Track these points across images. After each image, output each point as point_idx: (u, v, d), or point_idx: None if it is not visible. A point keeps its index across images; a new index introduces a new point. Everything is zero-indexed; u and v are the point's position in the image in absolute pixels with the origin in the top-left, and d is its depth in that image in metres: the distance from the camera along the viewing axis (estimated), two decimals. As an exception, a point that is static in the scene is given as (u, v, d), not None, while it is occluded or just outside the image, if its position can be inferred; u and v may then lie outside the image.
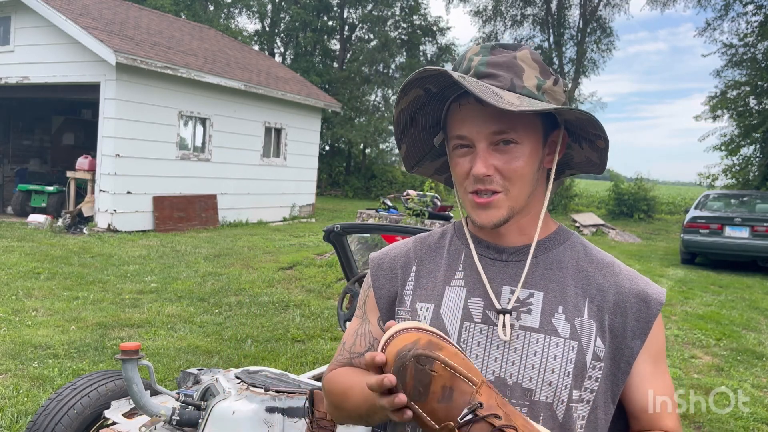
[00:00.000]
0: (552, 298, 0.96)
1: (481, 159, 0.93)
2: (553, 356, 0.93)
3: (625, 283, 0.99)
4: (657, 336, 0.99)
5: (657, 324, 0.98)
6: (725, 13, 18.43)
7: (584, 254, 1.02)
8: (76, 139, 14.52)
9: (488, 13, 27.69)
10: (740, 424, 3.86)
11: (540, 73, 0.96)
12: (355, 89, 27.64)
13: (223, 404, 1.87)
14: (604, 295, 0.97)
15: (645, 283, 1.00)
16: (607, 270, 1.00)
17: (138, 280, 6.89)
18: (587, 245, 1.04)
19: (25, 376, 3.89)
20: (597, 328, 0.96)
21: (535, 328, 0.94)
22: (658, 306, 0.98)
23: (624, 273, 1.01)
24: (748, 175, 16.59)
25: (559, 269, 0.99)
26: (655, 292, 0.99)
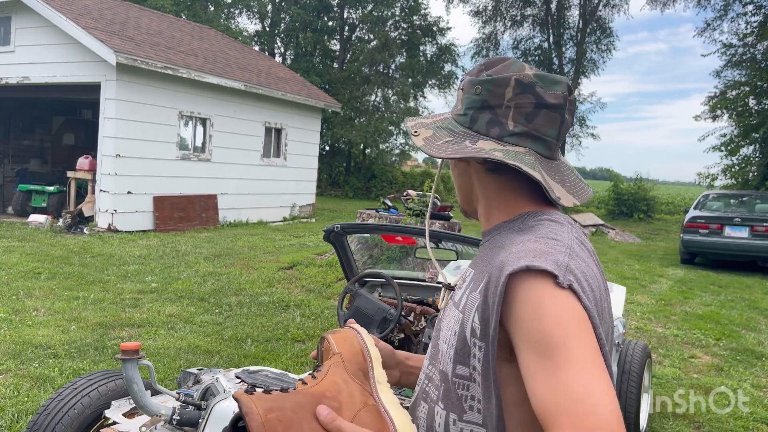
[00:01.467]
0: (474, 276, 0.97)
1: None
2: (448, 328, 0.97)
3: (501, 254, 0.89)
4: (533, 317, 0.80)
5: (532, 307, 0.80)
6: (725, 14, 18.45)
7: (519, 234, 0.94)
8: (77, 139, 14.52)
9: (488, 13, 27.71)
10: (740, 423, 3.86)
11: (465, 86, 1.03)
12: (355, 89, 27.64)
13: (224, 404, 1.87)
14: (491, 270, 0.89)
15: (517, 256, 0.85)
16: (510, 245, 0.91)
17: (138, 280, 6.89)
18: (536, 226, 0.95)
19: (26, 376, 3.90)
20: (478, 304, 0.88)
21: (456, 302, 0.98)
22: (503, 277, 0.82)
23: (516, 247, 0.89)
24: (748, 175, 16.60)
25: (492, 249, 0.97)
26: (511, 264, 0.83)
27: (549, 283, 0.81)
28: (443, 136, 1.00)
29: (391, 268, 6.75)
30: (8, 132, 13.64)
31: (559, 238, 0.91)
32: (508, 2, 27.26)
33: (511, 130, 0.95)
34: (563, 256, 0.86)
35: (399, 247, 6.92)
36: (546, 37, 27.27)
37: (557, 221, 0.96)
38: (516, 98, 0.95)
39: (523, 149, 0.95)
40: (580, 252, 0.92)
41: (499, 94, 0.96)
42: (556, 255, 0.86)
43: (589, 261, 0.93)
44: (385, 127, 27.11)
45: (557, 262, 0.84)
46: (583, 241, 0.97)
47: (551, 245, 0.88)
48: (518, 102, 0.95)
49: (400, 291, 2.82)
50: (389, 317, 2.80)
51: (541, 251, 0.85)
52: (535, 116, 0.95)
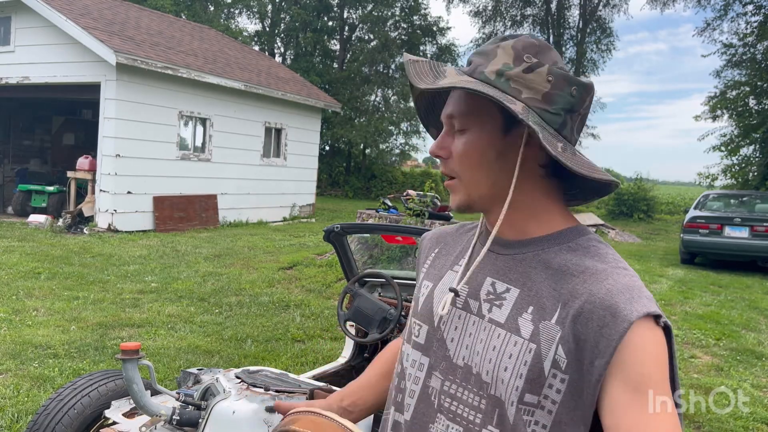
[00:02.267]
0: (526, 297, 0.92)
1: (435, 141, 0.98)
2: (509, 354, 0.91)
3: (600, 291, 0.86)
4: (637, 362, 0.82)
5: (636, 347, 0.82)
6: (725, 13, 18.45)
7: (580, 256, 0.92)
8: (77, 139, 14.53)
9: (488, 13, 27.71)
10: (740, 423, 3.86)
11: (513, 60, 0.89)
12: (355, 89, 27.65)
13: (224, 404, 1.87)
14: (574, 301, 0.87)
15: (624, 297, 0.84)
16: (591, 275, 0.88)
17: (138, 280, 6.89)
18: (592, 248, 0.93)
19: (26, 376, 3.90)
20: (561, 335, 0.87)
21: (501, 323, 0.93)
22: (625, 323, 0.82)
23: (608, 282, 0.86)
24: (748, 175, 16.61)
25: (544, 268, 0.92)
26: (627, 308, 0.83)
27: (652, 324, 0.84)
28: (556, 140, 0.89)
29: (391, 268, 6.75)
30: (8, 132, 13.64)
31: (627, 267, 0.91)
32: (508, 2, 27.27)
33: (576, 139, 0.95)
34: (645, 289, 0.87)
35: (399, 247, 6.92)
36: (546, 37, 27.25)
37: (600, 241, 0.96)
38: (587, 108, 0.94)
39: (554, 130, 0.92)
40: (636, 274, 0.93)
41: (584, 100, 0.93)
42: (646, 291, 0.87)
43: None
44: (385, 127, 27.11)
45: (653, 299, 0.86)
46: None
47: (632, 278, 0.88)
48: (586, 113, 0.94)
49: (400, 291, 2.82)
50: (389, 317, 2.80)
51: (636, 288, 0.86)
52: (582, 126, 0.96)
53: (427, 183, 10.74)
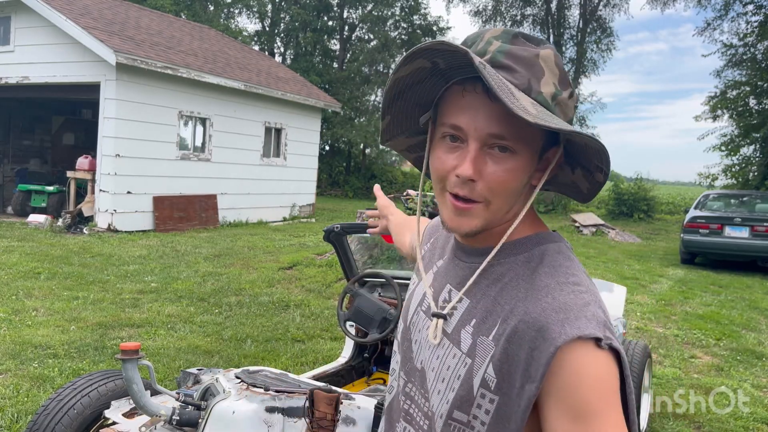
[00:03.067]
0: (472, 309, 0.88)
1: (470, 160, 0.84)
2: (447, 366, 0.89)
3: (535, 310, 0.80)
4: (576, 388, 0.75)
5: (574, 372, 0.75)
6: (725, 13, 18.45)
7: (532, 269, 0.87)
8: (76, 139, 14.52)
9: (488, 13, 27.71)
10: (740, 424, 3.86)
11: (558, 82, 0.85)
12: (355, 89, 27.65)
13: (223, 404, 1.87)
14: (511, 319, 0.82)
15: (558, 318, 0.78)
16: (532, 291, 0.83)
17: (138, 280, 6.89)
18: (546, 260, 0.87)
19: (25, 376, 3.89)
20: (494, 354, 0.82)
21: (448, 333, 0.91)
22: (551, 347, 0.76)
23: (546, 299, 0.81)
24: (748, 175, 16.62)
25: (495, 281, 0.88)
26: (556, 330, 0.77)
27: (590, 347, 0.76)
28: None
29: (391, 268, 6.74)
30: (8, 132, 13.64)
31: (580, 282, 0.84)
32: (508, 2, 27.27)
33: None
34: (596, 308, 0.80)
35: (399, 247, 6.90)
36: (546, 37, 27.25)
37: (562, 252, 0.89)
38: None
39: None
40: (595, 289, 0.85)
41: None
42: (592, 309, 0.79)
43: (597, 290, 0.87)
44: (385, 126, 27.06)
45: (597, 319, 0.78)
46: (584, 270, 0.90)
47: (579, 295, 0.81)
48: None
49: (400, 291, 2.82)
50: (389, 317, 2.79)
51: (577, 307, 0.79)
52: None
53: (427, 183, 10.73)
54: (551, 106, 0.83)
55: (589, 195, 0.94)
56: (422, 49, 0.82)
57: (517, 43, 0.85)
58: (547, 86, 0.83)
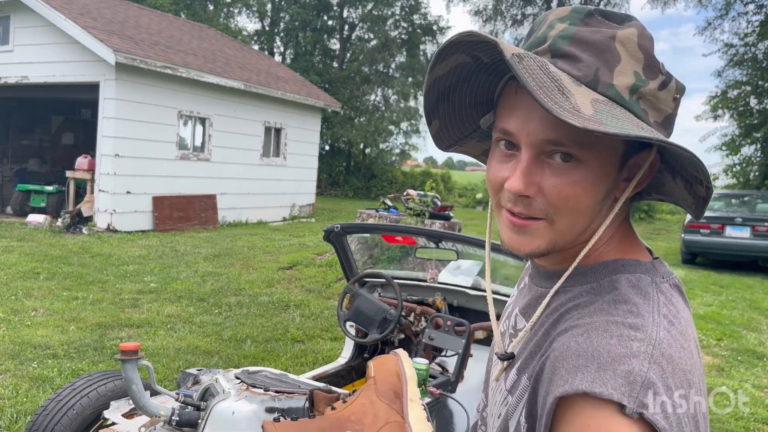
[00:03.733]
0: (528, 341, 0.77)
1: (521, 172, 0.70)
2: (495, 402, 0.82)
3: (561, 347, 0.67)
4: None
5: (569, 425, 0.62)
6: (726, 13, 18.46)
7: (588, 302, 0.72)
8: (76, 138, 14.51)
9: (488, 12, 27.73)
10: (740, 424, 3.86)
11: (643, 69, 0.69)
12: (355, 89, 27.66)
13: (223, 404, 1.86)
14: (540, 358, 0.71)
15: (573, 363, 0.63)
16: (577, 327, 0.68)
17: (137, 280, 6.88)
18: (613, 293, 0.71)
19: (25, 376, 3.89)
20: (528, 396, 0.71)
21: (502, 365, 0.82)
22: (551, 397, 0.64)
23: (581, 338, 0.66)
24: (749, 174, 16.62)
25: (553, 312, 0.75)
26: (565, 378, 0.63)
27: (612, 412, 0.59)
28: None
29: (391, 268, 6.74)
30: (7, 132, 13.63)
31: (640, 327, 0.65)
32: (509, 1, 27.28)
33: None
34: (641, 363, 0.61)
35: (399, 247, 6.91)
36: (546, 37, 27.28)
37: (638, 285, 0.71)
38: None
39: None
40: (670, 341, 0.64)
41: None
42: (633, 364, 0.61)
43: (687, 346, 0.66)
44: (385, 126, 27.12)
45: (629, 376, 0.60)
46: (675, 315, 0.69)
47: (625, 341, 0.63)
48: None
49: (400, 291, 2.81)
50: (389, 317, 2.79)
51: (609, 356, 0.62)
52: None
53: (427, 183, 10.73)
54: (629, 101, 0.68)
55: (698, 210, 0.77)
56: (453, 43, 0.69)
57: (591, 23, 0.70)
58: (622, 76, 0.68)
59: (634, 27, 0.70)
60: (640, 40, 0.69)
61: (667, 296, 0.71)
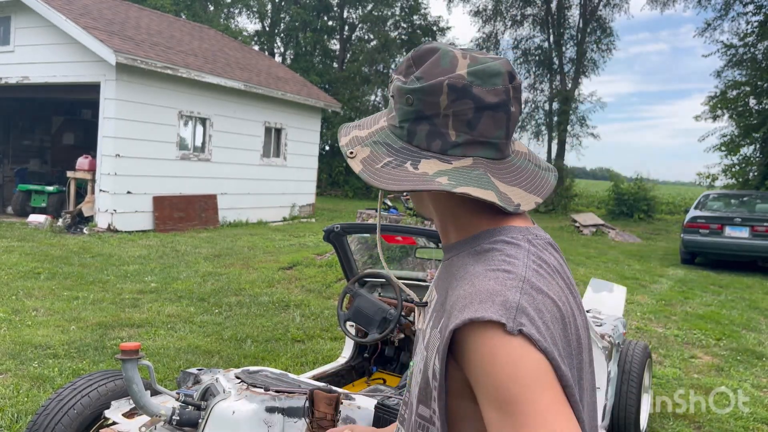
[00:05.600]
0: (435, 304, 0.91)
1: None
2: (418, 361, 0.92)
3: (452, 296, 0.82)
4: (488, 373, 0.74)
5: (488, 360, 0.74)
6: (725, 13, 18.47)
7: (473, 260, 0.85)
8: (76, 139, 14.52)
9: (488, 13, 27.74)
10: (740, 424, 3.86)
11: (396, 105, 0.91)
12: (355, 89, 27.66)
13: (223, 404, 1.87)
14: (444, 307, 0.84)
15: (467, 301, 0.77)
16: (461, 280, 0.83)
17: (138, 280, 6.89)
18: (489, 252, 0.85)
19: (25, 376, 3.89)
20: (439, 345, 0.81)
21: (422, 331, 0.92)
22: (446, 332, 0.77)
23: (467, 286, 0.80)
24: (748, 175, 16.62)
25: (450, 275, 0.89)
26: (456, 315, 0.77)
27: (498, 332, 0.73)
28: (382, 155, 0.88)
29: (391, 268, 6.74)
30: (8, 132, 13.64)
31: (512, 269, 0.80)
32: (509, 2, 27.28)
33: (454, 141, 0.84)
34: (514, 293, 0.76)
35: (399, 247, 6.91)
36: (546, 37, 27.27)
37: (513, 242, 0.85)
38: (453, 105, 0.83)
39: (471, 160, 0.85)
40: (537, 280, 0.79)
41: (433, 103, 0.84)
42: (505, 294, 0.76)
43: (552, 284, 0.81)
44: (385, 127, 27.08)
45: (506, 304, 0.74)
46: (543, 261, 0.83)
47: (502, 280, 0.78)
48: (456, 109, 0.83)
49: (400, 291, 2.82)
50: (389, 317, 2.79)
51: (489, 292, 0.76)
52: (478, 121, 0.83)
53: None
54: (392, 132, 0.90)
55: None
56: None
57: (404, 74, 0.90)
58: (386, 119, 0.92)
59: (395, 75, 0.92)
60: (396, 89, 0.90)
61: (538, 247, 0.85)
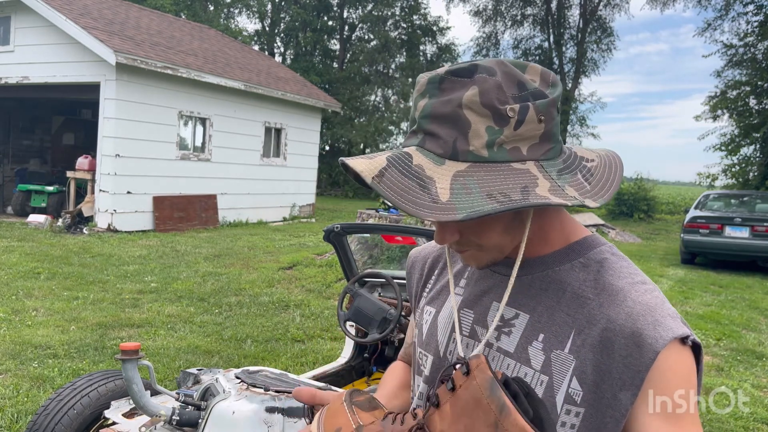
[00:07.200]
0: (536, 323, 0.84)
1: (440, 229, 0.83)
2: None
3: (620, 317, 0.79)
4: (670, 387, 0.76)
5: (667, 372, 0.76)
6: (725, 13, 18.47)
7: (594, 275, 0.84)
8: (76, 139, 14.53)
9: (488, 13, 27.75)
10: (740, 424, 3.86)
11: (494, 121, 0.75)
12: (355, 89, 27.67)
13: (223, 404, 1.87)
14: (591, 329, 0.80)
15: (646, 321, 0.77)
16: (607, 297, 0.81)
17: (138, 280, 6.89)
18: (606, 263, 0.85)
19: (25, 376, 3.89)
20: (576, 366, 0.80)
21: (510, 353, 0.85)
22: (652, 353, 0.75)
23: (627, 304, 0.79)
24: (748, 175, 16.62)
25: (556, 291, 0.85)
26: (652, 335, 0.76)
27: (679, 346, 0.77)
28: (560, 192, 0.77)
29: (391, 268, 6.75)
30: (8, 132, 13.64)
31: (646, 280, 0.84)
32: (509, 2, 27.29)
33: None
34: (669, 305, 0.81)
35: (399, 247, 6.91)
36: (546, 37, 27.29)
37: (615, 253, 0.87)
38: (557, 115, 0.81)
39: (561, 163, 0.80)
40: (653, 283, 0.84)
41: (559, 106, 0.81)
42: (668, 307, 0.80)
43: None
44: (385, 127, 27.14)
45: (677, 316, 0.79)
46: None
47: (652, 294, 0.81)
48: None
49: (400, 291, 2.82)
50: (389, 317, 2.79)
51: (657, 307, 0.79)
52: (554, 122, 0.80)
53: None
54: (489, 156, 0.75)
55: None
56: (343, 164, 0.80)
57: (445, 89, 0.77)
58: (476, 138, 0.75)
59: (476, 85, 0.75)
60: (482, 99, 0.75)
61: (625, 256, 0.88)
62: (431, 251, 1.09)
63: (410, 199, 0.72)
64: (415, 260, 1.11)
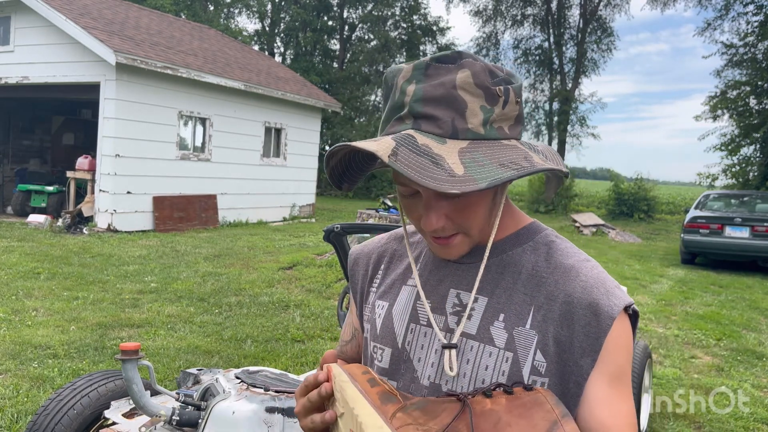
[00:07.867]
0: (495, 305, 0.89)
1: (432, 213, 0.85)
2: (485, 366, 0.87)
3: (576, 291, 0.85)
4: (615, 353, 0.84)
5: (614, 340, 0.83)
6: (725, 13, 18.47)
7: (545, 256, 0.91)
8: (76, 139, 14.53)
9: (488, 13, 27.76)
10: (740, 424, 3.86)
11: (486, 100, 0.80)
12: (355, 89, 27.67)
13: (223, 404, 1.87)
14: (551, 304, 0.86)
15: (600, 292, 0.85)
16: (562, 275, 0.88)
17: (138, 280, 6.88)
18: (553, 245, 0.92)
19: (25, 376, 3.89)
20: (539, 340, 0.85)
21: (472, 335, 0.88)
22: (609, 320, 0.83)
23: (580, 279, 0.86)
24: (748, 175, 16.62)
25: (512, 273, 0.90)
26: (607, 304, 0.84)
27: (624, 315, 0.86)
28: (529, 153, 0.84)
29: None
30: (8, 132, 13.64)
31: (589, 258, 0.92)
32: (509, 2, 27.30)
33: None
34: (612, 278, 0.89)
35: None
36: (546, 37, 27.29)
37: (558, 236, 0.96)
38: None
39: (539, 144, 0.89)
40: None
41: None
42: (611, 279, 0.88)
43: None
44: (385, 127, 27.12)
45: (621, 287, 0.87)
46: None
47: (598, 269, 0.89)
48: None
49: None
50: (389, 317, 2.79)
51: (607, 280, 0.88)
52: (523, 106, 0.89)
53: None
54: (485, 133, 0.80)
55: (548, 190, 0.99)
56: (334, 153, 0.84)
57: (431, 75, 0.81)
58: (473, 117, 0.79)
59: (466, 67, 0.80)
60: (475, 80, 0.80)
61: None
62: (374, 247, 1.10)
63: (429, 175, 0.74)
64: (358, 257, 1.12)
